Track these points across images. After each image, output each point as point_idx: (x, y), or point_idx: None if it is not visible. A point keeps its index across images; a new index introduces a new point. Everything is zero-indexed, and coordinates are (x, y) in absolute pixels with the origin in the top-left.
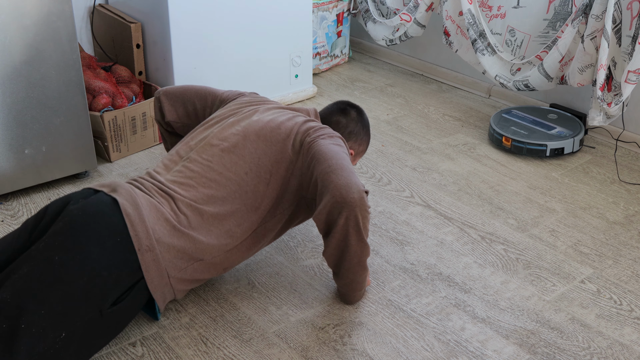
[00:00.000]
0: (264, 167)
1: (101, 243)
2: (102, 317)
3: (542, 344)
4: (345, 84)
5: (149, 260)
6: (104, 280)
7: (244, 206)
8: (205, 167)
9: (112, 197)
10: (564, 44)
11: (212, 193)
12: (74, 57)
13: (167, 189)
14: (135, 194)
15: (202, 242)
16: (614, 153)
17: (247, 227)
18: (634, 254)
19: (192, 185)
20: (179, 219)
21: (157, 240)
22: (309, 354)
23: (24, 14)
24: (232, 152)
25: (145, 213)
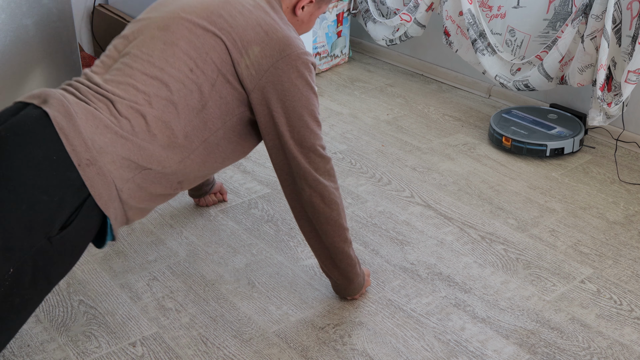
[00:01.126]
0: (210, 64)
1: (36, 165)
2: (51, 244)
3: (542, 344)
4: (345, 84)
5: (93, 174)
6: (46, 205)
7: (187, 108)
8: (145, 63)
9: (42, 110)
10: (564, 44)
11: (154, 92)
12: (74, 57)
13: (104, 92)
14: (68, 102)
15: (147, 148)
16: (614, 153)
17: (192, 132)
18: (634, 254)
19: (132, 84)
20: (120, 124)
21: (99, 151)
22: (309, 354)
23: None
24: (176, 44)
25: (81, 123)
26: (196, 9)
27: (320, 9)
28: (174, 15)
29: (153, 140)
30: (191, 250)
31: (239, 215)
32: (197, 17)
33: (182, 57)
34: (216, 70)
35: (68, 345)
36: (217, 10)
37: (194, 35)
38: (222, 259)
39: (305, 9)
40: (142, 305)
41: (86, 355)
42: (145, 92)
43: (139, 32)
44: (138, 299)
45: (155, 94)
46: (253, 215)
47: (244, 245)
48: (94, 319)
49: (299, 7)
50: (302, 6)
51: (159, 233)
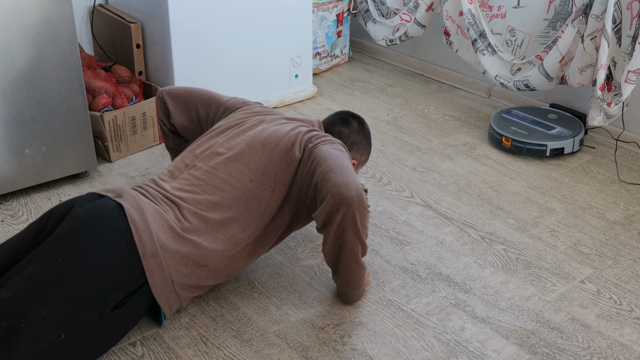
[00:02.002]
0: (268, 174)
1: (105, 247)
2: (102, 320)
3: (542, 344)
4: (345, 84)
5: (153, 266)
6: (106, 284)
7: (248, 213)
8: (210, 175)
9: (117, 202)
10: (564, 44)
11: (217, 200)
12: (74, 57)
13: (172, 197)
14: (140, 200)
15: (205, 248)
16: (614, 153)
17: (252, 233)
18: (634, 254)
19: (197, 192)
20: (182, 226)
21: (162, 246)
22: (309, 354)
23: (24, 14)
24: (238, 160)
25: (150, 219)
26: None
27: (357, 169)
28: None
29: (212, 241)
30: None
31: None
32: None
33: (243, 169)
34: (273, 179)
35: None
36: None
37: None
38: None
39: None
40: None
41: None
42: (208, 200)
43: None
44: None
45: (217, 201)
46: None
47: None
48: None
49: None
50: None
51: None
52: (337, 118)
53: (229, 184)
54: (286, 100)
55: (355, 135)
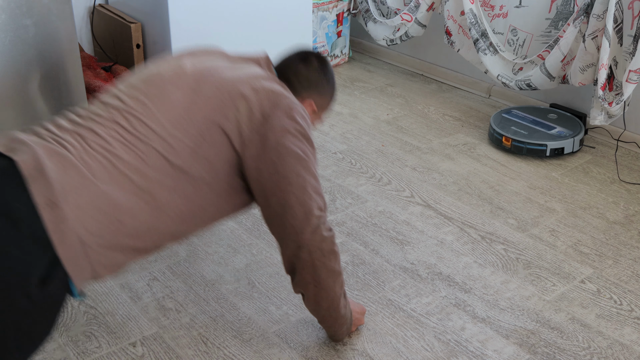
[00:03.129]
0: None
1: (5, 218)
2: (32, 301)
3: (542, 344)
4: (345, 84)
5: (55, 217)
6: (18, 260)
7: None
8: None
9: (8, 158)
10: (566, 44)
11: (130, 139)
12: (74, 57)
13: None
14: (36, 145)
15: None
16: (614, 153)
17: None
18: (634, 253)
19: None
20: (88, 166)
21: (66, 192)
22: (309, 354)
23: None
24: (161, 100)
25: (47, 165)
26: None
27: (317, 118)
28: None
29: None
30: (191, 250)
31: (239, 215)
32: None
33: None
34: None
35: (68, 345)
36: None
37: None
38: (222, 259)
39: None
40: (142, 305)
41: (86, 355)
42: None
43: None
44: (138, 299)
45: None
46: (253, 215)
47: (244, 245)
48: (94, 319)
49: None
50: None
51: None
52: (295, 56)
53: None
54: None
55: (315, 75)
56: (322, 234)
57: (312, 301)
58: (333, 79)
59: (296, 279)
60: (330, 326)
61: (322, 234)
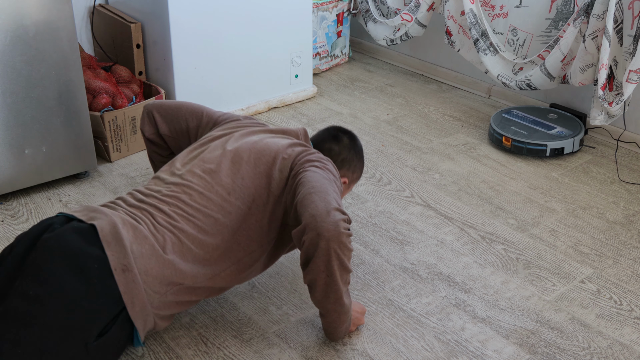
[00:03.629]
0: (246, 188)
1: (78, 272)
2: (87, 351)
3: (542, 344)
4: (345, 84)
5: (128, 280)
6: (85, 312)
7: (224, 227)
8: (186, 188)
9: (89, 224)
10: (566, 44)
11: (192, 212)
12: (74, 57)
13: (147, 207)
14: (113, 215)
15: (180, 266)
16: (615, 153)
17: (224, 252)
18: (634, 253)
19: (173, 203)
20: (157, 239)
21: (136, 259)
22: (309, 354)
23: (24, 14)
24: (215, 172)
25: (122, 233)
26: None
27: (349, 189)
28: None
29: (185, 257)
30: None
31: None
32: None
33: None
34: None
35: None
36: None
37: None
38: None
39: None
40: None
41: None
42: (182, 212)
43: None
44: None
45: (192, 215)
46: None
47: None
48: None
49: None
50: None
51: None
52: (326, 134)
53: (204, 197)
54: (286, 100)
55: (346, 152)
56: (342, 229)
57: (321, 291)
58: (362, 154)
59: (309, 267)
60: (333, 321)
61: (341, 229)
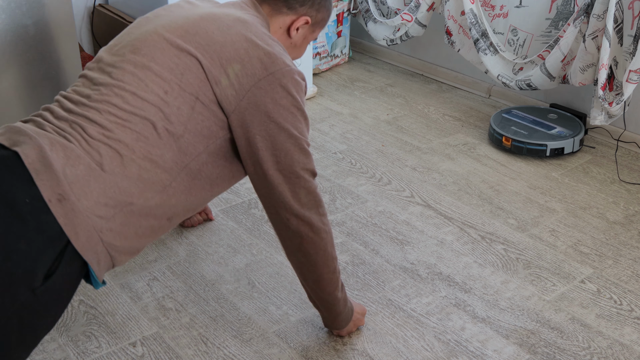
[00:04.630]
0: (188, 85)
1: (9, 210)
2: (36, 296)
3: (542, 344)
4: (345, 84)
5: (66, 210)
6: (24, 254)
7: (164, 133)
8: (117, 89)
9: (12, 152)
10: (566, 44)
11: (127, 119)
12: (74, 57)
13: (75, 118)
14: (38, 136)
15: (123, 180)
16: (615, 153)
17: (171, 157)
18: (634, 253)
19: (104, 110)
20: (92, 156)
21: (71, 184)
22: (309, 354)
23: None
24: (148, 67)
25: (52, 157)
26: (170, 27)
27: (314, 33)
28: (146, 37)
29: (128, 171)
30: (191, 250)
31: (239, 215)
32: (171, 35)
33: (155, 79)
34: (193, 92)
35: (68, 345)
36: (192, 27)
37: (167, 55)
38: (222, 259)
39: (299, 30)
40: (142, 305)
41: (86, 355)
42: (117, 119)
43: (114, 55)
44: (138, 299)
45: (127, 120)
46: (253, 215)
47: (244, 245)
48: (94, 319)
49: (293, 28)
50: (297, 27)
51: None
52: None
53: (138, 97)
54: None
55: None
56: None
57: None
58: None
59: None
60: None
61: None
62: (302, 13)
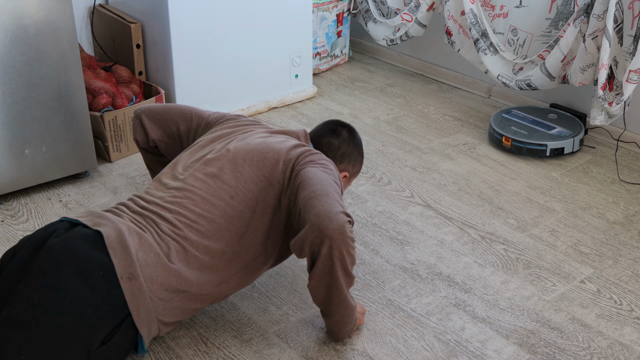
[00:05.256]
0: (250, 192)
1: (84, 279)
2: (90, 358)
3: (542, 344)
4: (345, 84)
5: (134, 288)
6: (89, 319)
7: (228, 233)
8: (189, 193)
9: (94, 230)
10: (566, 44)
11: (195, 218)
12: (74, 57)
13: (150, 214)
14: (118, 222)
15: (184, 273)
16: (615, 153)
17: (231, 257)
18: (634, 253)
19: (176, 210)
20: (161, 248)
21: (142, 267)
22: (309, 354)
23: (24, 14)
24: (218, 176)
25: (129, 240)
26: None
27: (349, 182)
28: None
29: (191, 265)
30: None
31: None
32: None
33: (223, 186)
34: (255, 197)
35: None
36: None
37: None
38: None
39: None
40: None
41: None
42: (185, 219)
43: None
44: None
45: (195, 221)
46: None
47: None
48: None
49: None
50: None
51: None
52: (325, 129)
53: (207, 201)
54: (286, 100)
55: (345, 146)
56: (347, 231)
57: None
58: (361, 147)
59: (314, 270)
60: (336, 322)
61: (347, 231)
62: (341, 169)
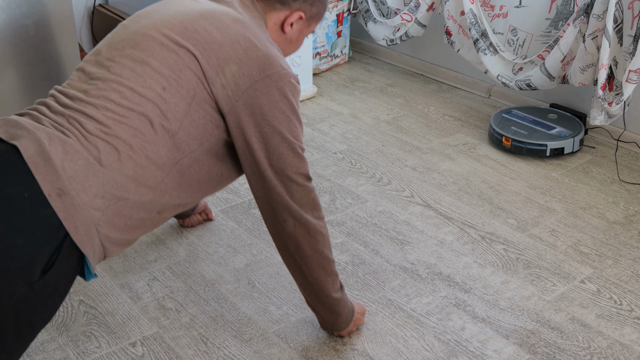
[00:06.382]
0: (186, 82)
1: (7, 204)
2: (34, 291)
3: (542, 344)
4: (345, 84)
5: (66, 205)
6: (23, 249)
7: (160, 130)
8: (115, 84)
9: (10, 145)
10: (566, 44)
11: (124, 114)
12: (74, 57)
13: (73, 113)
14: (36, 130)
15: (119, 175)
16: (615, 153)
17: (165, 154)
18: (634, 253)
19: (101, 105)
20: (90, 151)
21: (70, 179)
22: (309, 354)
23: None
24: (147, 64)
25: (51, 151)
26: (170, 23)
27: (310, 27)
28: (145, 31)
29: (125, 167)
30: (191, 250)
31: (239, 215)
32: (171, 32)
33: (154, 75)
34: (190, 89)
35: (68, 345)
36: (192, 24)
37: (166, 51)
38: (222, 259)
39: (294, 26)
40: (142, 305)
41: (86, 355)
42: (114, 115)
43: (112, 49)
44: (138, 299)
45: (124, 116)
46: (253, 215)
47: (244, 245)
48: (94, 319)
49: (287, 24)
50: (291, 23)
51: (159, 233)
52: None
53: (136, 92)
54: None
55: None
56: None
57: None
58: None
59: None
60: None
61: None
62: (295, 8)
